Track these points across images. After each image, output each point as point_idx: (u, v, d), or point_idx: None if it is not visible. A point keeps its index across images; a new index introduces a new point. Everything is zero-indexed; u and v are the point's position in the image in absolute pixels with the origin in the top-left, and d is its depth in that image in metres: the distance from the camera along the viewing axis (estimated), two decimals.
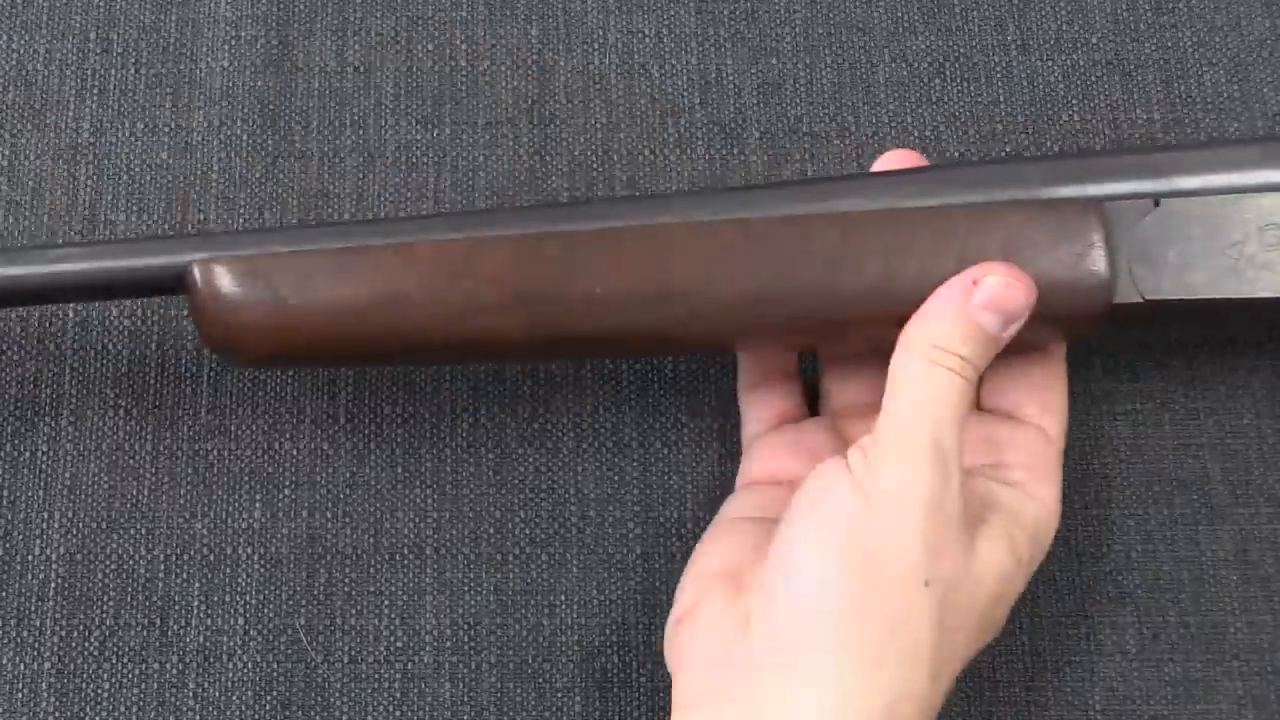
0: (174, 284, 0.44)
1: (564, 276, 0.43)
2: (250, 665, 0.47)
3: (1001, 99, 0.53)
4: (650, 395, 0.50)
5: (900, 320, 0.42)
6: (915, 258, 0.43)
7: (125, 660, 0.47)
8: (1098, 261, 0.43)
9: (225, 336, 0.43)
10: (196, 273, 0.43)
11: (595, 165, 0.53)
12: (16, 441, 0.50)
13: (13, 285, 0.44)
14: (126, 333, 0.50)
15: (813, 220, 0.43)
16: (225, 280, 0.43)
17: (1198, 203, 0.43)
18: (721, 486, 0.49)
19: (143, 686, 0.47)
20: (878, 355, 0.43)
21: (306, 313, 0.43)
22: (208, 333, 0.44)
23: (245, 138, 0.53)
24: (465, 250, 0.43)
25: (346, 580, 0.48)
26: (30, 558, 0.48)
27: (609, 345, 0.44)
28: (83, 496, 0.49)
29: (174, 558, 0.48)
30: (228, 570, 0.48)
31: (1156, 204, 0.43)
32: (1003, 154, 0.52)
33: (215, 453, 0.49)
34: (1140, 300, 0.43)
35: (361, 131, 0.53)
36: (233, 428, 0.50)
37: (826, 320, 0.43)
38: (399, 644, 0.48)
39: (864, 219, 0.43)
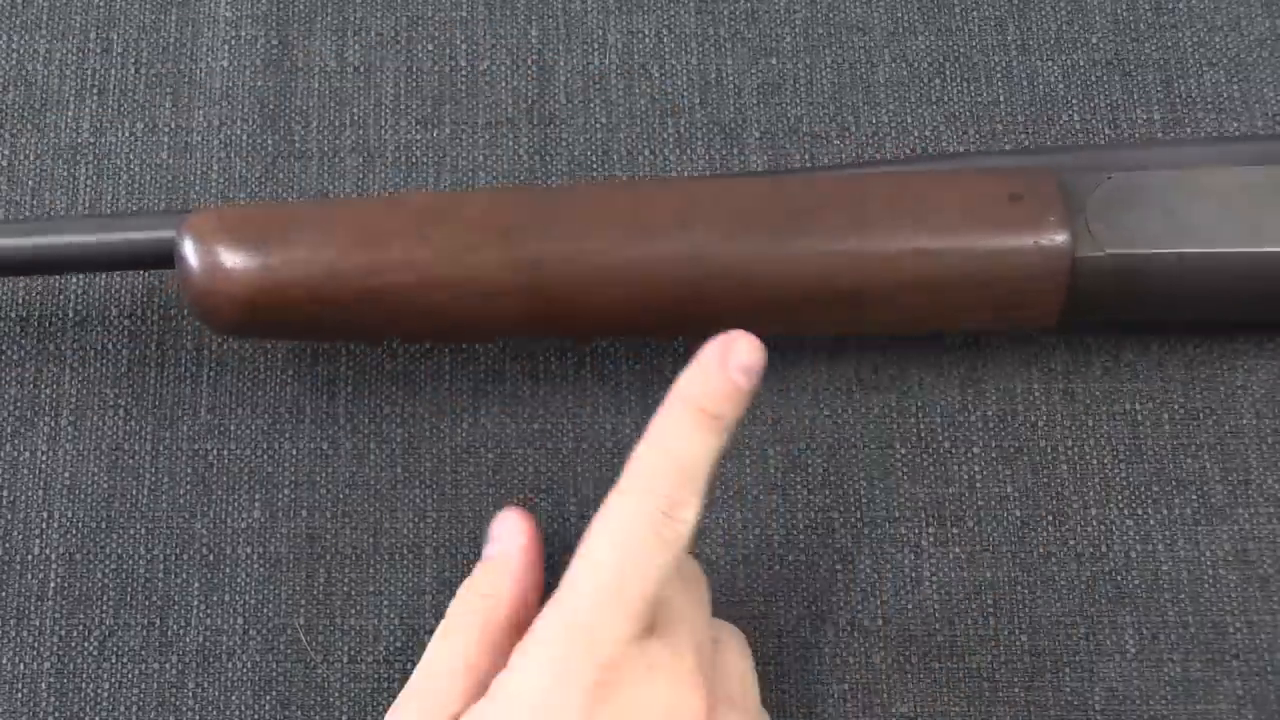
0: (166, 254, 0.44)
1: (545, 218, 0.44)
2: (250, 665, 0.47)
3: (1001, 99, 0.53)
4: (650, 396, 0.50)
5: (856, 287, 0.44)
6: (875, 212, 0.44)
7: (125, 660, 0.47)
8: (1058, 215, 0.44)
9: (211, 291, 0.44)
10: (186, 226, 0.44)
11: (595, 165, 0.53)
12: (16, 441, 0.50)
13: (8, 255, 0.45)
14: (126, 333, 0.51)
15: (781, 177, 0.46)
16: (212, 230, 0.44)
17: (1149, 175, 0.45)
18: (721, 487, 0.49)
19: (142, 686, 0.47)
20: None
21: (291, 259, 0.43)
22: (194, 291, 0.44)
23: (245, 138, 0.53)
24: (448, 199, 0.44)
25: (346, 580, 0.48)
26: (30, 557, 0.48)
27: (594, 301, 0.44)
28: (82, 496, 0.49)
29: (173, 557, 0.48)
30: (227, 570, 0.48)
31: (1109, 179, 0.45)
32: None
33: (215, 452, 0.50)
34: (1102, 254, 0.44)
35: (361, 131, 0.53)
36: (232, 428, 0.50)
37: (790, 277, 0.44)
38: (399, 644, 0.48)
39: (829, 179, 0.45)
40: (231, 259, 0.43)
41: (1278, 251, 0.45)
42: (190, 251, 0.44)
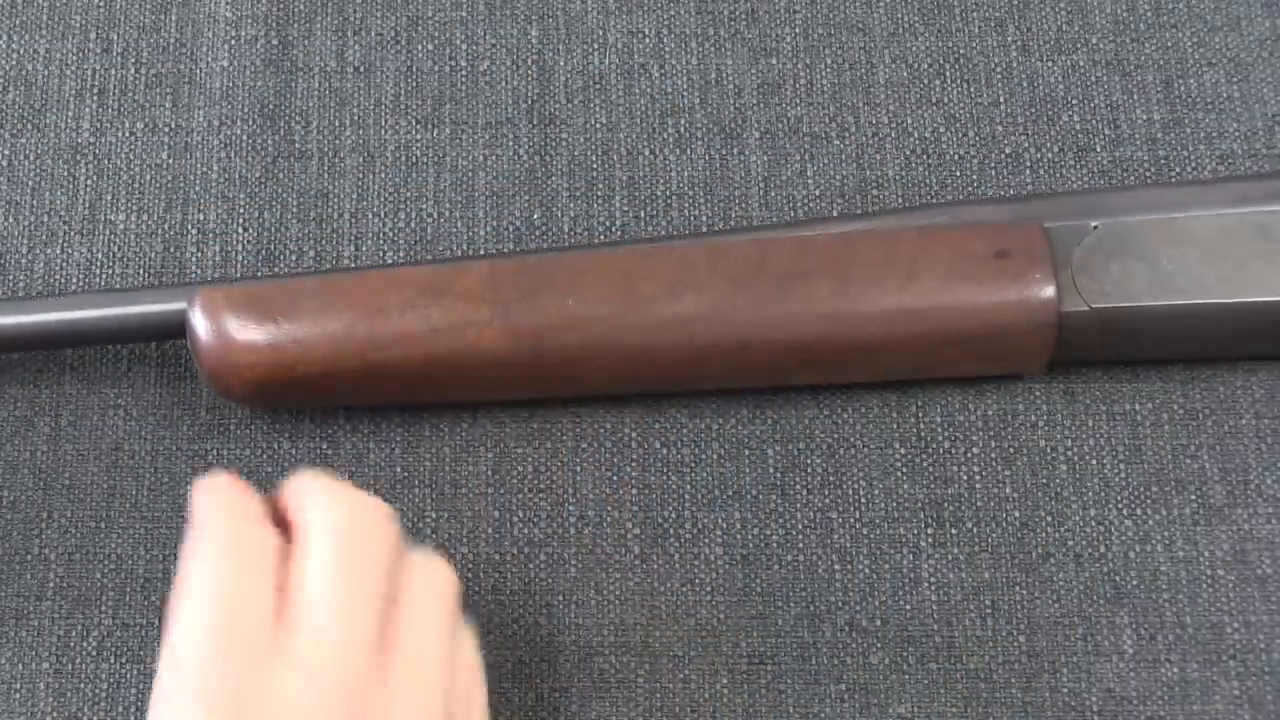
0: (175, 325, 0.47)
1: (540, 290, 0.45)
2: None
3: (1001, 100, 0.53)
4: (650, 396, 0.50)
5: (846, 347, 0.46)
6: (863, 274, 0.45)
7: (123, 660, 0.47)
8: (1043, 271, 0.45)
9: (223, 365, 0.46)
10: (196, 303, 0.46)
11: (595, 165, 0.53)
12: (16, 441, 0.50)
13: (17, 333, 0.47)
14: None
15: (768, 241, 0.47)
16: (221, 306, 0.46)
17: (1133, 224, 0.46)
18: (721, 486, 0.49)
19: (141, 686, 0.47)
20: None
21: (297, 335, 0.45)
22: (207, 363, 0.46)
23: (245, 138, 0.53)
24: (445, 273, 0.46)
25: None
26: (29, 557, 0.48)
27: (591, 368, 0.46)
28: (82, 496, 0.49)
29: (173, 558, 0.48)
30: None
31: (1095, 228, 0.46)
32: (1002, 155, 0.52)
33: (215, 453, 0.50)
34: (1087, 308, 0.46)
35: (361, 131, 0.53)
36: (233, 427, 0.50)
37: (782, 340, 0.46)
38: None
39: (816, 240, 0.46)
40: (241, 337, 0.45)
41: (1257, 301, 0.46)
42: (201, 329, 0.46)
